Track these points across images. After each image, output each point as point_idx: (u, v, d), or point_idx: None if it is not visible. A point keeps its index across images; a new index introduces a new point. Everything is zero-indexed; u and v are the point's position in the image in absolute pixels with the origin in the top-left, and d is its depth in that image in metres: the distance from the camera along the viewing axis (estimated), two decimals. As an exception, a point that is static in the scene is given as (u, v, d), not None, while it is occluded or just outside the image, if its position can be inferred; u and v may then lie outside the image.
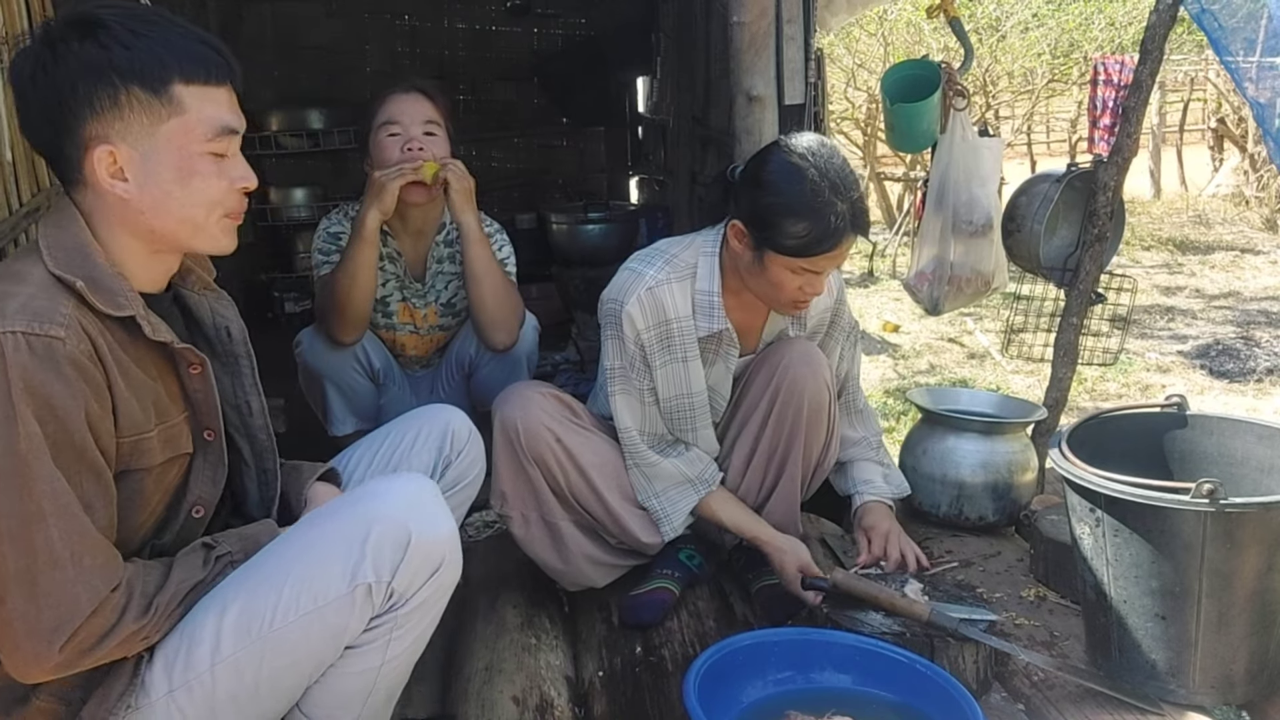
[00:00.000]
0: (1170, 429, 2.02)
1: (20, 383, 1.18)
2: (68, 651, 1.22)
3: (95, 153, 1.28)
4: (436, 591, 1.41)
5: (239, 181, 1.36)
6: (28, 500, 1.19)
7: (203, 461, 1.45)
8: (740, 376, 2.21)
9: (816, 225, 1.87)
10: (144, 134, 1.29)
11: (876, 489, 2.27)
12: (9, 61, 1.88)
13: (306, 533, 1.41)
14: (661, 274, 2.07)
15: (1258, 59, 2.31)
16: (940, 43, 8.39)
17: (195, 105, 1.30)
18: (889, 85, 2.93)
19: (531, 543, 2.16)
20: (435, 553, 1.38)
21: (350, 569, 1.33)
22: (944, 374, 5.34)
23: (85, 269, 1.29)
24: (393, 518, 1.35)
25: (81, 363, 1.23)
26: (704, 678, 1.62)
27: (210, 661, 1.32)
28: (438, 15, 5.58)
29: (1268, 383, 5.01)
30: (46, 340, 1.20)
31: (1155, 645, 1.77)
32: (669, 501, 2.15)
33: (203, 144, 1.32)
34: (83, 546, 1.23)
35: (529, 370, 2.58)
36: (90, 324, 1.26)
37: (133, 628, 1.27)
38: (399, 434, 1.81)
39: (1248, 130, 9.86)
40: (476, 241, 2.37)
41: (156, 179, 1.31)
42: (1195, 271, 7.77)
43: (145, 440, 1.33)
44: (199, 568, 1.36)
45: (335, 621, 1.34)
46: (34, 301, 1.23)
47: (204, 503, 1.45)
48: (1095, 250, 2.76)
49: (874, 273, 7.86)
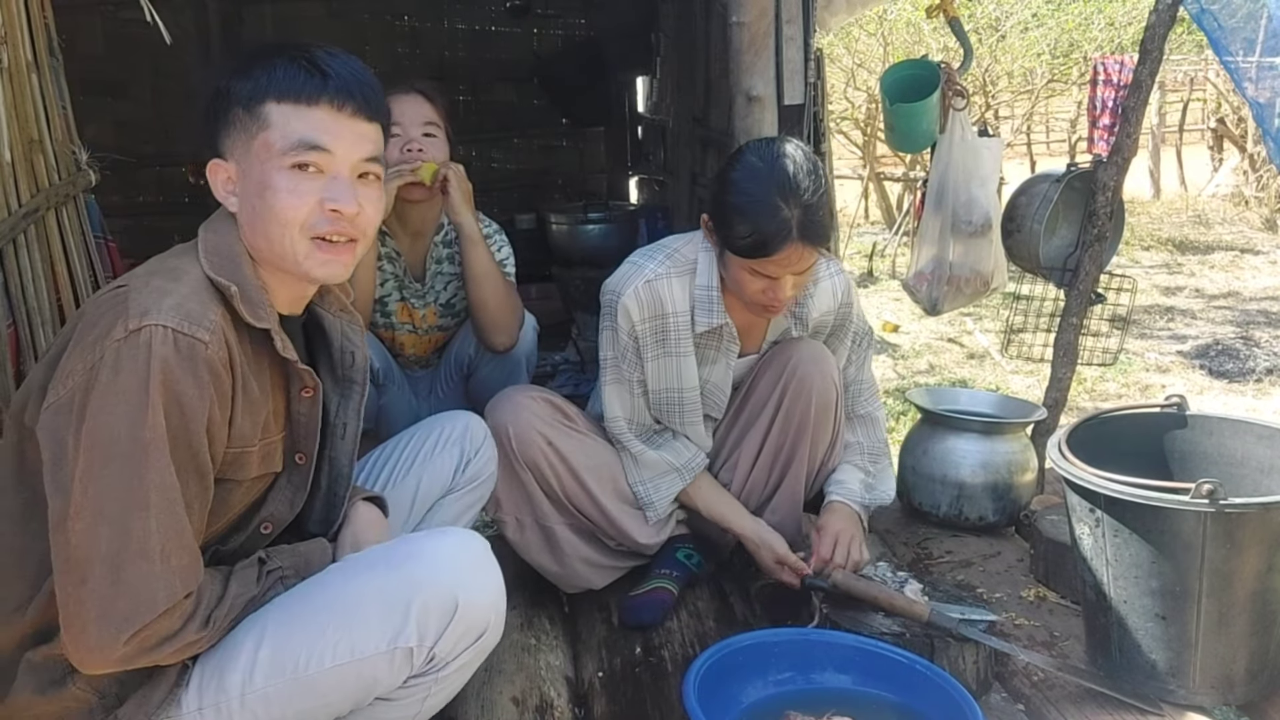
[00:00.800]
0: (1170, 429, 2.02)
1: (160, 375, 1.21)
2: (131, 645, 1.23)
3: (209, 167, 1.38)
4: (477, 654, 1.44)
5: (327, 202, 1.34)
6: (138, 487, 1.21)
7: (286, 482, 1.47)
8: (745, 376, 2.21)
9: (760, 228, 1.86)
10: (242, 151, 1.36)
11: (845, 490, 2.20)
12: (8, 62, 1.88)
13: (352, 580, 1.40)
14: (661, 268, 2.07)
15: (1257, 59, 2.31)
16: (940, 43, 8.39)
17: (281, 121, 1.33)
18: (888, 85, 2.93)
19: (527, 547, 2.16)
20: (480, 619, 1.40)
21: (393, 631, 1.33)
22: (944, 374, 5.34)
23: (237, 277, 1.34)
24: (441, 584, 1.36)
25: (216, 368, 1.27)
26: (704, 678, 1.62)
27: (241, 690, 1.33)
28: (438, 16, 5.58)
29: (1267, 383, 5.01)
30: (191, 341, 1.24)
31: (1155, 645, 1.77)
32: (654, 489, 2.16)
33: (280, 157, 1.33)
34: (174, 544, 1.24)
35: (528, 371, 2.58)
36: (231, 332, 1.31)
37: (193, 637, 1.28)
38: (421, 438, 1.86)
39: (1247, 130, 9.86)
40: (475, 243, 2.37)
41: (246, 194, 1.36)
42: (1195, 272, 7.77)
43: (247, 453, 1.36)
44: (253, 583, 1.37)
45: (369, 676, 1.35)
46: (188, 302, 1.27)
47: (275, 521, 1.47)
48: (1095, 250, 2.76)
49: (873, 273, 7.86)
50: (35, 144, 1.99)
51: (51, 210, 2.02)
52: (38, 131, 2.00)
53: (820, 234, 1.90)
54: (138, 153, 4.96)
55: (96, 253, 2.23)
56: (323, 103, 1.34)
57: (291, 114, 1.33)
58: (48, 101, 2.07)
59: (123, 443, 1.20)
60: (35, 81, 2.01)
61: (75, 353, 1.24)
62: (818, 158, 1.98)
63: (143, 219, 5.08)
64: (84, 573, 1.21)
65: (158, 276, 1.31)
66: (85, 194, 2.22)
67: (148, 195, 5.26)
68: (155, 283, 1.29)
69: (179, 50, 2.64)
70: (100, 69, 4.82)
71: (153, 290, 1.27)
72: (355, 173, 1.37)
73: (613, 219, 4.52)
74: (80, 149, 2.21)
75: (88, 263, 2.17)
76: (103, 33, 4.92)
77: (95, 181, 2.24)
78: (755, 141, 1.99)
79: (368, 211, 1.38)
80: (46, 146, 2.04)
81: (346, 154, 1.36)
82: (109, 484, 1.20)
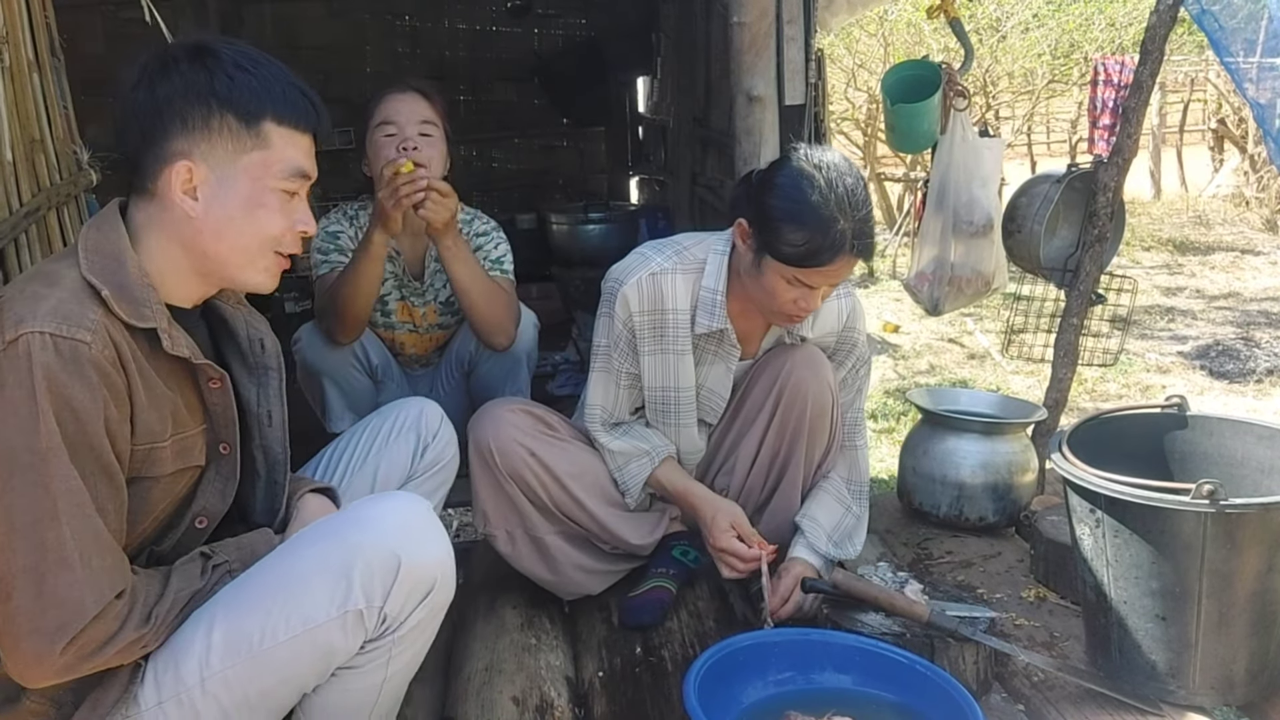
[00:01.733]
0: (1170, 430, 2.02)
1: (44, 382, 1.20)
2: (69, 654, 1.22)
3: (175, 166, 1.34)
4: (431, 612, 1.43)
5: (299, 224, 1.42)
6: (44, 497, 1.20)
7: (214, 474, 1.47)
8: (740, 381, 2.20)
9: (815, 237, 1.85)
10: (225, 159, 1.35)
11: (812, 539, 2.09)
12: (9, 61, 1.88)
13: (294, 555, 1.40)
14: (668, 263, 2.07)
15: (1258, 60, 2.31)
16: (940, 43, 8.38)
17: (280, 144, 1.37)
18: (889, 86, 2.93)
19: (519, 559, 2.16)
20: (426, 576, 1.39)
21: (340, 596, 1.33)
22: (944, 374, 5.34)
23: (117, 277, 1.32)
24: (381, 545, 1.36)
25: (104, 368, 1.25)
26: (704, 678, 1.62)
27: (200, 676, 1.32)
28: (438, 15, 5.58)
29: (1268, 383, 5.01)
30: (72, 344, 1.22)
31: (1155, 646, 1.77)
32: (629, 474, 2.15)
33: (277, 180, 1.38)
34: (93, 548, 1.23)
35: (528, 368, 2.58)
36: (117, 331, 1.29)
37: (133, 636, 1.28)
38: (375, 426, 1.86)
39: (1248, 131, 9.86)
40: (456, 260, 2.34)
41: (224, 203, 1.36)
42: (1195, 272, 7.77)
43: (158, 449, 1.35)
44: (197, 577, 1.37)
45: (324, 643, 1.34)
46: (64, 305, 1.25)
47: (209, 514, 1.47)
48: (1095, 251, 2.76)
49: (874, 273, 7.86)
50: (36, 143, 1.99)
51: (53, 210, 2.02)
52: (39, 131, 2.00)
53: (871, 249, 1.91)
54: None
55: (97, 252, 2.23)
56: (309, 132, 1.41)
57: (289, 139, 1.38)
58: (49, 101, 2.07)
59: (20, 455, 1.20)
60: (36, 81, 2.01)
61: None
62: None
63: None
64: (7, 589, 1.20)
65: (33, 282, 1.29)
66: (86, 193, 2.22)
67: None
68: (30, 289, 1.27)
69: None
70: (101, 68, 4.81)
71: (28, 297, 1.25)
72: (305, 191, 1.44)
73: (613, 219, 4.52)
74: (81, 148, 2.21)
75: (88, 262, 2.17)
76: (103, 32, 4.92)
77: (96, 181, 2.23)
78: (801, 149, 1.96)
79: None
80: (48, 146, 2.04)
81: (313, 177, 1.43)
82: (15, 499, 1.20)
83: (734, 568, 2.04)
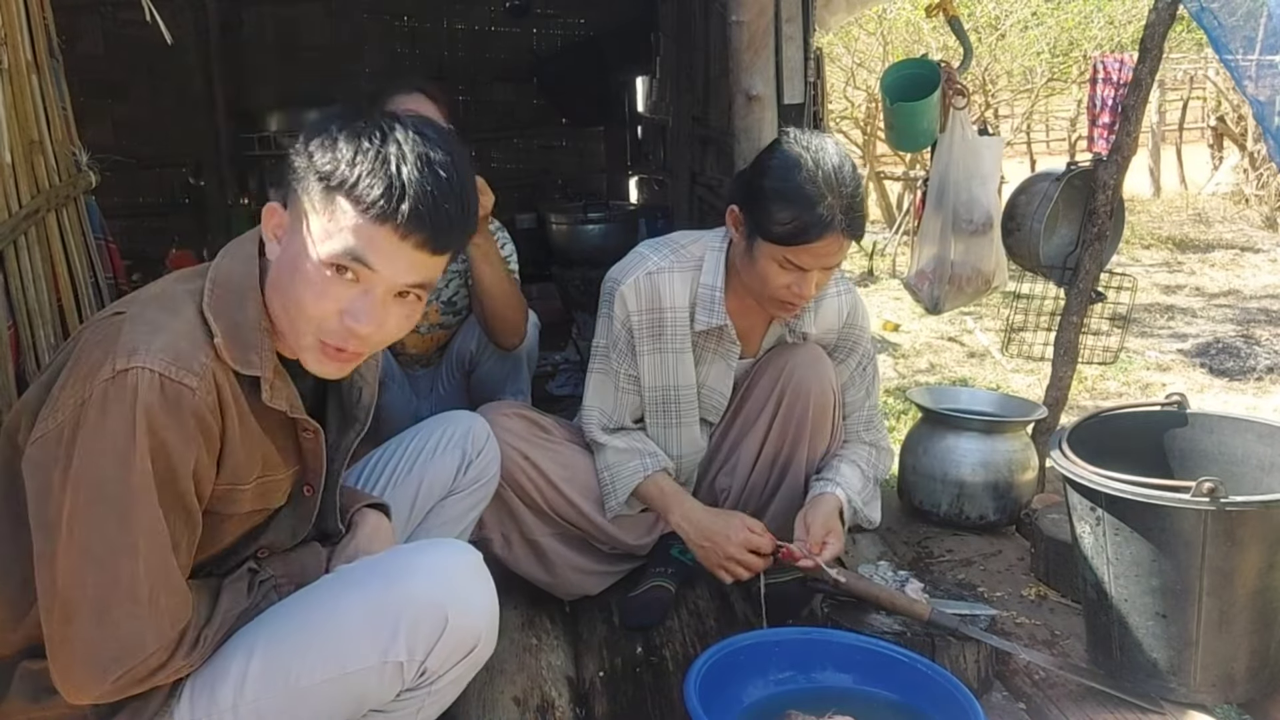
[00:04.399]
0: (1170, 427, 2.02)
1: (145, 421, 1.19)
2: (119, 684, 1.22)
3: (267, 206, 1.31)
4: (470, 667, 1.42)
5: (346, 315, 1.27)
6: (125, 532, 1.20)
7: (290, 513, 1.45)
8: (741, 380, 2.20)
9: (803, 214, 1.84)
10: (300, 214, 1.27)
11: (845, 482, 2.08)
12: (8, 63, 1.88)
13: (343, 593, 1.38)
14: (665, 262, 2.07)
15: (1257, 57, 2.31)
16: (939, 42, 8.39)
17: (343, 220, 1.24)
18: (888, 84, 2.93)
19: (516, 562, 2.16)
20: (471, 634, 1.38)
21: (382, 646, 1.32)
22: (944, 373, 5.33)
23: (234, 316, 1.29)
24: (430, 599, 1.34)
25: (203, 415, 1.24)
26: (705, 677, 1.62)
27: (233, 701, 1.32)
28: (437, 16, 5.58)
29: (1268, 381, 5.01)
30: (178, 388, 1.21)
31: (1156, 644, 1.77)
32: (615, 475, 2.13)
33: (326, 254, 1.25)
34: (163, 587, 1.23)
35: (529, 367, 2.59)
36: (223, 374, 1.27)
37: (182, 663, 1.28)
38: (422, 438, 1.84)
39: (1247, 128, 9.86)
40: (484, 260, 2.33)
41: (285, 254, 1.29)
42: (1195, 270, 7.77)
43: (239, 490, 1.34)
44: (244, 595, 1.36)
45: (359, 688, 1.34)
46: (178, 343, 1.23)
47: (274, 548, 1.46)
48: (1095, 249, 2.76)
49: (874, 272, 7.85)
50: (35, 145, 1.98)
51: (52, 211, 2.02)
52: (38, 132, 2.00)
53: (860, 228, 1.90)
54: (137, 154, 4.97)
55: (97, 254, 2.22)
56: (389, 225, 1.23)
57: (356, 220, 1.23)
58: (48, 102, 2.07)
59: (109, 485, 1.19)
60: (35, 82, 2.01)
61: (68, 383, 1.22)
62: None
63: (143, 220, 5.09)
64: (69, 612, 1.20)
65: (154, 305, 1.27)
66: (85, 195, 2.21)
67: (147, 196, 5.25)
68: (150, 313, 1.25)
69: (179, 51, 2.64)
70: (100, 70, 4.82)
71: (146, 324, 1.24)
72: (393, 291, 1.28)
73: (613, 218, 4.52)
74: (80, 150, 2.20)
75: (88, 264, 2.17)
76: (102, 33, 4.92)
77: (96, 183, 2.23)
78: (793, 132, 1.97)
79: (389, 328, 1.31)
80: (47, 147, 2.03)
81: (392, 277, 1.26)
82: (96, 527, 1.19)
83: (737, 575, 2.03)
